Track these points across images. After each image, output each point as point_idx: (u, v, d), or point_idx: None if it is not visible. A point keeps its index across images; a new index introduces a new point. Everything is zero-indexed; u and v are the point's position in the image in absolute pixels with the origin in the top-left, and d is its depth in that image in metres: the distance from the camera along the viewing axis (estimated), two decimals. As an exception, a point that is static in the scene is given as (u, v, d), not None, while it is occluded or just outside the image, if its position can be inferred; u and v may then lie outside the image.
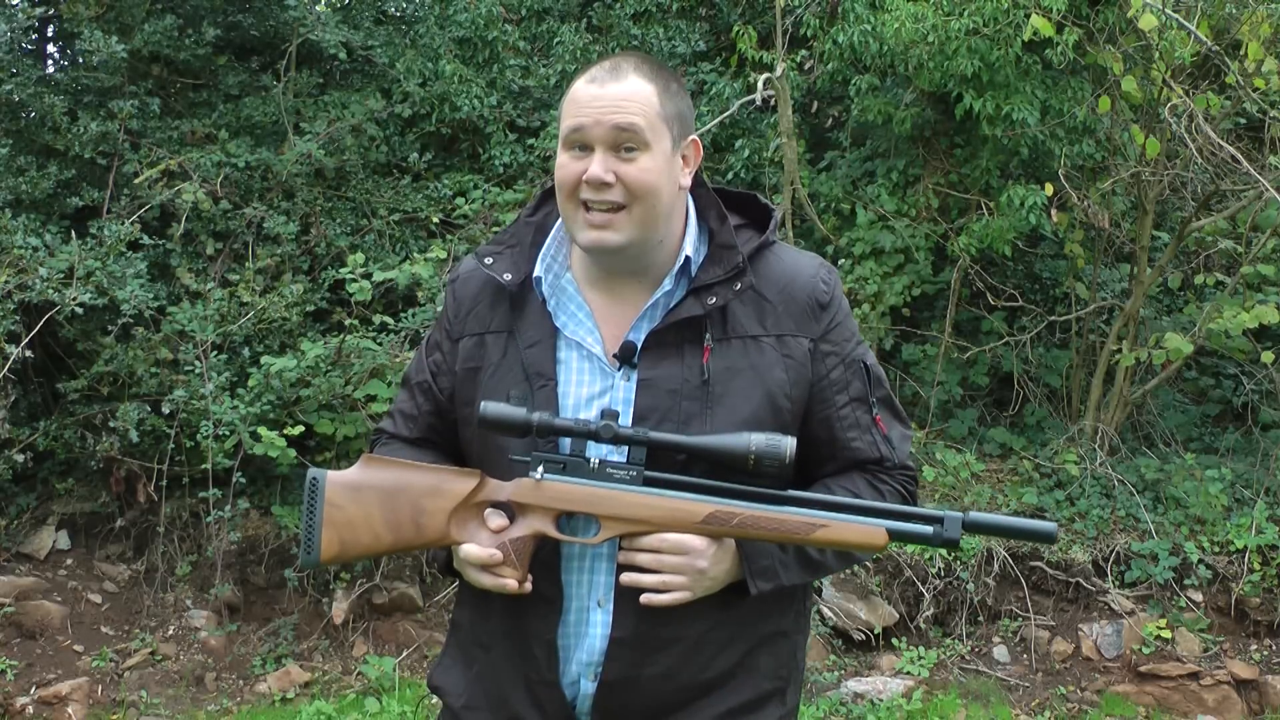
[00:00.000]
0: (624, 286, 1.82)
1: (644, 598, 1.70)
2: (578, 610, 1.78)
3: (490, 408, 1.71)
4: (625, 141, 1.72)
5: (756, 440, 1.66)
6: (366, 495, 1.74)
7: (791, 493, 1.72)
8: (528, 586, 1.74)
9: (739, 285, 1.78)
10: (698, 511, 1.68)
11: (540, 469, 1.72)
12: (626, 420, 1.74)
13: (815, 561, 1.79)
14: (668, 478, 1.72)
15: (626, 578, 1.71)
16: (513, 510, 1.74)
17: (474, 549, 1.72)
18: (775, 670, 1.84)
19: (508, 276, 1.84)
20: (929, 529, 1.68)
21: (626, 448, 1.72)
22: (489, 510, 1.76)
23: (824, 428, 1.83)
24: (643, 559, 1.70)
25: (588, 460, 1.72)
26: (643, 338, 1.78)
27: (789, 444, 1.66)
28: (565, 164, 1.76)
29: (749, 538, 1.70)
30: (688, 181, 1.83)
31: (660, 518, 1.68)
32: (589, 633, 1.77)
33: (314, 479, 1.75)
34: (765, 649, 1.83)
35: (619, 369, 1.78)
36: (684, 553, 1.69)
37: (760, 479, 1.69)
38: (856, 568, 5.66)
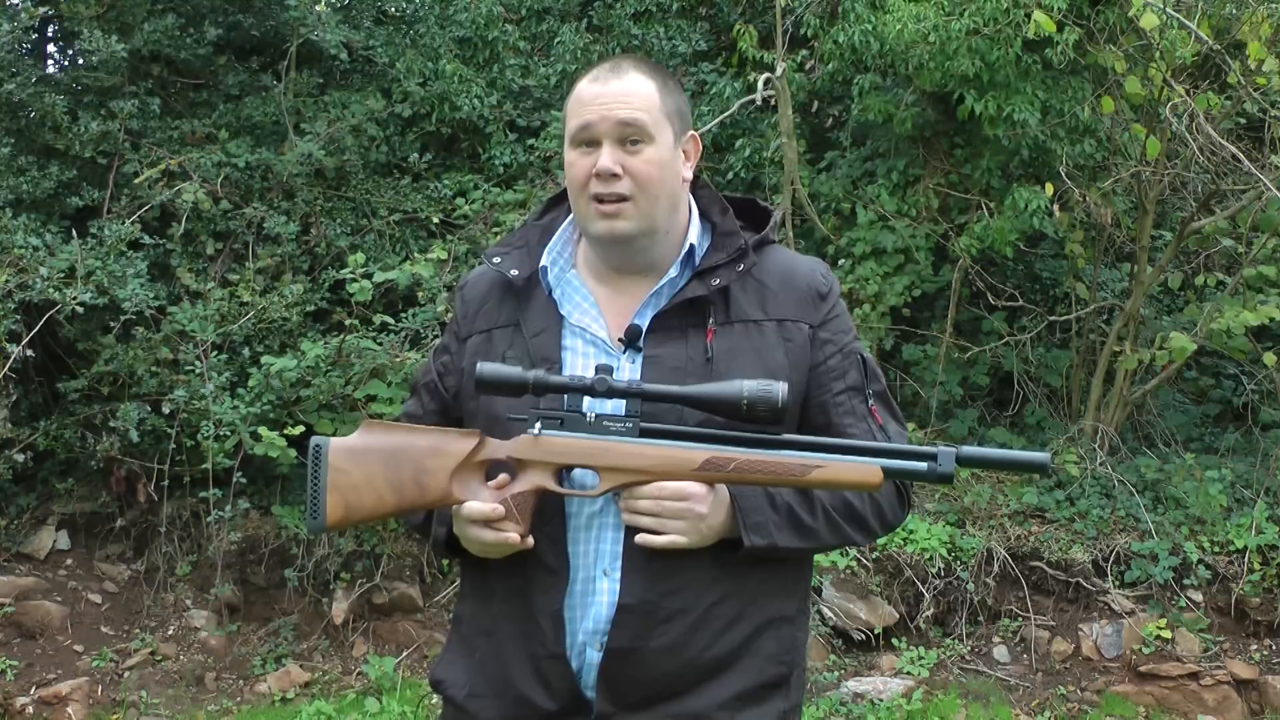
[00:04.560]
0: (629, 280, 1.88)
1: (639, 538, 1.72)
2: (584, 580, 1.79)
3: (487, 368, 1.73)
4: (630, 135, 1.79)
5: (749, 386, 1.68)
6: (369, 458, 1.77)
7: (786, 436, 1.74)
8: (529, 541, 1.76)
9: (742, 266, 1.85)
10: (694, 458, 1.71)
11: (538, 425, 1.74)
12: None
13: (807, 527, 1.80)
14: (664, 428, 1.75)
15: (626, 518, 1.73)
16: (513, 467, 1.76)
17: (476, 505, 1.74)
18: (779, 655, 1.85)
19: (515, 272, 1.89)
20: (923, 465, 1.71)
21: (623, 403, 1.75)
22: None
23: (820, 414, 1.86)
24: (643, 505, 1.72)
25: (584, 415, 1.74)
26: (647, 322, 1.83)
27: (780, 388, 1.68)
28: (575, 161, 1.82)
29: (746, 482, 1.72)
30: (689, 174, 1.90)
31: (657, 466, 1.71)
32: (595, 601, 1.79)
33: (317, 445, 1.77)
34: (769, 632, 1.84)
35: (624, 351, 1.83)
36: (684, 499, 1.71)
37: (755, 425, 1.72)
38: (856, 568, 5.66)
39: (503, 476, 1.76)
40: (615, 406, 1.76)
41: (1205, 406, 7.12)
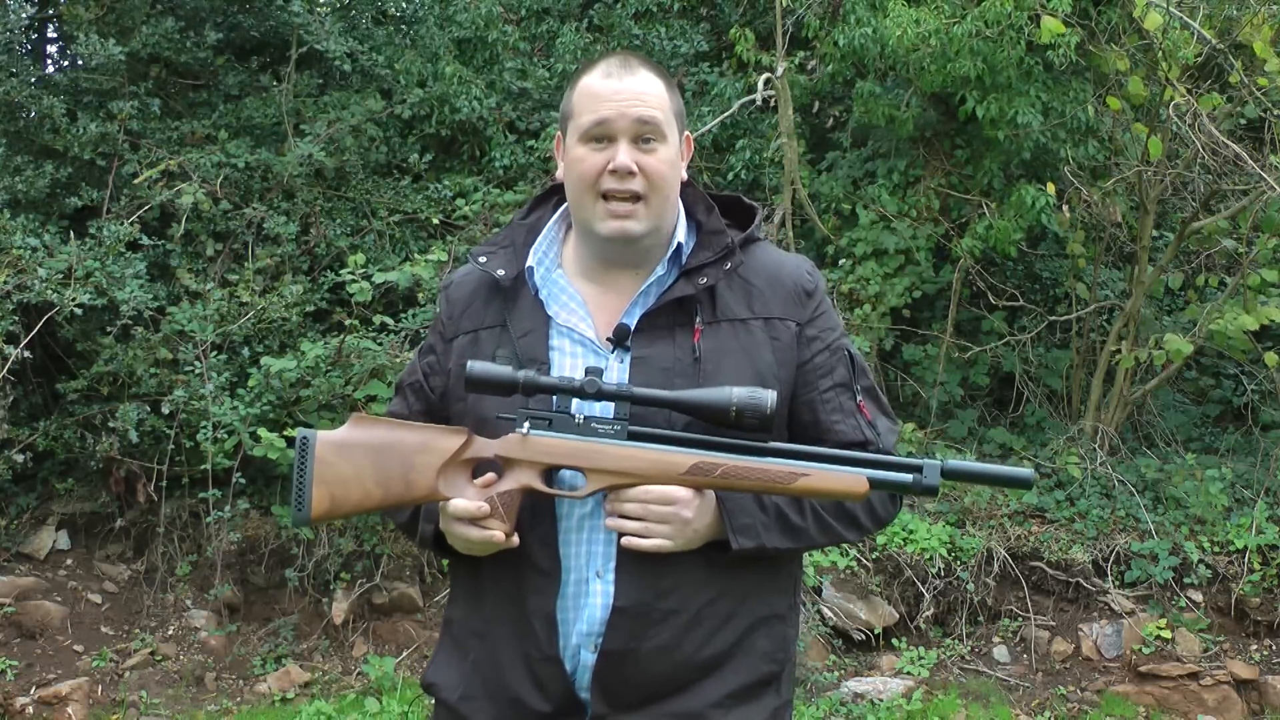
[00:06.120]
0: (617, 277, 1.87)
1: (625, 540, 1.72)
2: (576, 582, 1.79)
3: (477, 366, 1.73)
4: (646, 133, 1.79)
5: (738, 393, 1.69)
6: (356, 452, 1.76)
7: (773, 444, 1.75)
8: (515, 540, 1.75)
9: (729, 265, 1.85)
10: (681, 463, 1.71)
11: (526, 424, 1.74)
12: None
13: (796, 527, 1.80)
14: (652, 431, 1.75)
15: (611, 522, 1.73)
16: (500, 466, 1.76)
17: (462, 503, 1.74)
18: (771, 653, 1.86)
19: (501, 272, 1.88)
20: (909, 477, 1.72)
21: (612, 405, 1.75)
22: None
23: (808, 411, 1.87)
24: (629, 509, 1.73)
25: (573, 416, 1.75)
26: (635, 321, 1.82)
27: (769, 396, 1.70)
28: (585, 156, 1.80)
29: (733, 488, 1.73)
30: (685, 175, 1.90)
31: (645, 470, 1.71)
32: (588, 604, 1.79)
33: (304, 438, 1.76)
34: (762, 630, 1.84)
35: (612, 351, 1.82)
36: (670, 503, 1.72)
37: (743, 432, 1.72)
38: (856, 568, 5.65)
39: (489, 475, 1.76)
40: (604, 409, 1.76)
41: (1205, 406, 7.12)
